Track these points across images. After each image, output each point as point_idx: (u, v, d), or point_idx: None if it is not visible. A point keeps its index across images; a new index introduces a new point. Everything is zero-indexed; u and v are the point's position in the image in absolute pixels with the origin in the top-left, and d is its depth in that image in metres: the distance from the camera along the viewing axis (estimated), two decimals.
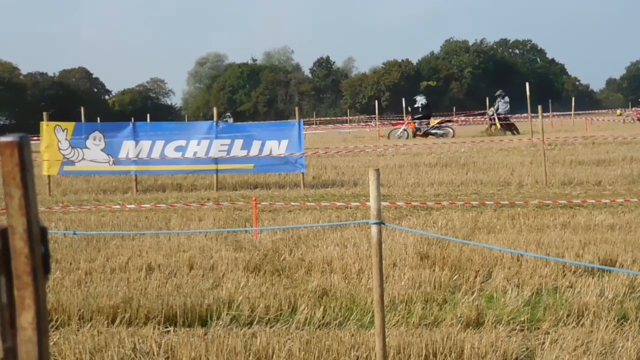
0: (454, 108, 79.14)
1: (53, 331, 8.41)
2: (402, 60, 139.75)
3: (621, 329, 7.91)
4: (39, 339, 1.54)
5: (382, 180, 21.31)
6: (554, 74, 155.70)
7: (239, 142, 23.72)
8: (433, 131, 43.40)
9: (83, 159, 23.76)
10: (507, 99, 44.87)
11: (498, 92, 45.49)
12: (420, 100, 45.43)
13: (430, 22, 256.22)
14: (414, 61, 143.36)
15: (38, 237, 1.59)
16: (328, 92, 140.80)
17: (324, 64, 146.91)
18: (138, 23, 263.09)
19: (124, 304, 9.00)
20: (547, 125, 52.53)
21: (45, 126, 23.98)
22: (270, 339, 7.68)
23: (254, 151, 23.58)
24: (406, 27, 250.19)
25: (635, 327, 7.92)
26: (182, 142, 23.74)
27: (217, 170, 23.64)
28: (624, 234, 12.99)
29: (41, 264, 1.58)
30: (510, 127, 44.09)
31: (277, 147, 23.56)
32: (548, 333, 7.93)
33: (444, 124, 45.39)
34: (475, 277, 10.10)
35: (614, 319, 8.15)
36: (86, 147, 23.72)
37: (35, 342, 1.54)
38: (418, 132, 43.43)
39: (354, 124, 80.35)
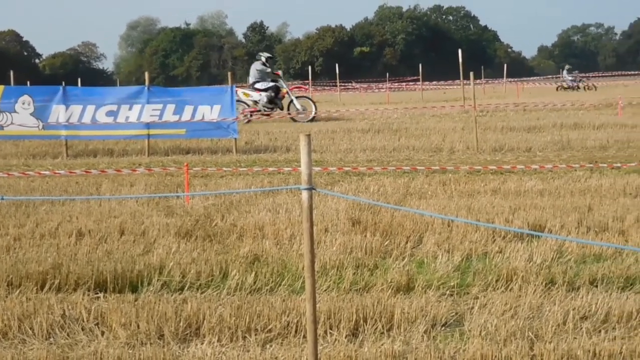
0: (387, 74, 79.30)
1: None
2: (336, 26, 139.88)
3: (548, 293, 8.02)
4: None
5: (314, 146, 21.32)
6: (487, 40, 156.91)
7: (171, 107, 23.53)
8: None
9: (12, 123, 23.39)
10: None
11: None
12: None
13: None
14: (348, 27, 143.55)
15: None
16: None
17: (257, 29, 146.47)
18: None
19: (54, 270, 8.90)
20: (479, 91, 52.99)
21: None
22: (201, 305, 7.66)
23: (186, 116, 23.42)
24: None
25: (562, 291, 8.03)
26: (114, 107, 23.47)
27: (148, 135, 23.41)
28: (553, 199, 13.15)
29: None
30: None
31: (209, 112, 23.43)
32: (477, 298, 8.01)
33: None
34: (406, 242, 10.15)
35: (541, 283, 8.26)
36: (15, 112, 23.34)
37: None
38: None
39: None
